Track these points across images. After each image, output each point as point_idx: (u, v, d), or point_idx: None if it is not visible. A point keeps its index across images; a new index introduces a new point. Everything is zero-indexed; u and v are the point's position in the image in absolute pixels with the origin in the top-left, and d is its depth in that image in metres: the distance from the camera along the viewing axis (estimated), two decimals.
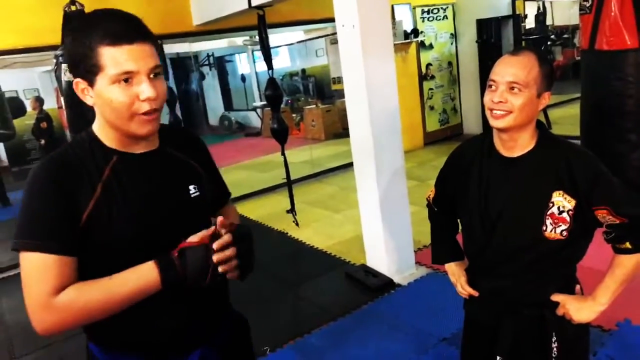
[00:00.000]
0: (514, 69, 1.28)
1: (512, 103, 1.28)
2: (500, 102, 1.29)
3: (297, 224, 4.34)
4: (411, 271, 3.52)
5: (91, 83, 1.01)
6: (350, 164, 6.21)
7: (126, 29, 0.99)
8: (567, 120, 1.52)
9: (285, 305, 3.40)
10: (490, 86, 1.33)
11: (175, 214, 1.13)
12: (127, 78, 0.99)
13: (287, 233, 4.65)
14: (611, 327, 2.52)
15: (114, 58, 0.98)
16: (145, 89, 1.00)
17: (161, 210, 1.11)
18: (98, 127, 1.11)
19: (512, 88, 1.28)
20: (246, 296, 3.55)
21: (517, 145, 1.36)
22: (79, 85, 1.03)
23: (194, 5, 5.19)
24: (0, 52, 4.33)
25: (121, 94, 1.00)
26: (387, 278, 3.42)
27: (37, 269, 0.98)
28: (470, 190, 1.44)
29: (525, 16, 7.34)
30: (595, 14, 2.00)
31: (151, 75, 1.02)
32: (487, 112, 1.34)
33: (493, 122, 1.33)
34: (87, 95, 1.04)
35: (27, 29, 4.32)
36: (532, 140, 1.36)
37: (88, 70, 1.00)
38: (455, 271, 1.64)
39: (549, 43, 9.00)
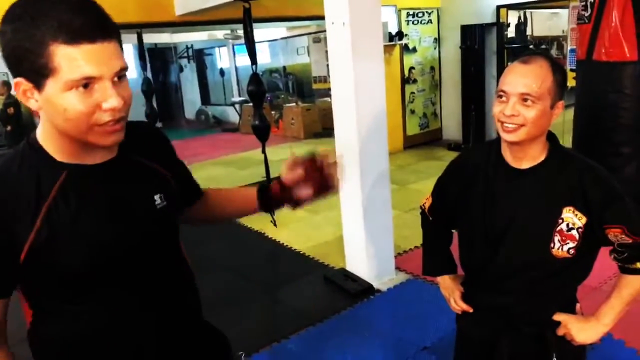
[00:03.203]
0: (527, 79, 1.19)
1: (524, 116, 1.20)
2: (512, 115, 1.20)
3: (275, 224, 4.24)
4: (391, 277, 3.47)
5: (38, 86, 0.83)
6: None
7: (86, 22, 0.80)
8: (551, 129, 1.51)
9: (262, 308, 3.30)
10: (501, 97, 1.24)
11: (137, 232, 0.99)
12: (86, 83, 0.82)
13: (264, 233, 4.54)
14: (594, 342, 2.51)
15: (71, 60, 0.79)
16: (110, 99, 0.83)
17: (120, 230, 0.96)
18: (43, 136, 0.92)
19: (525, 100, 1.19)
20: (220, 298, 3.47)
21: (527, 156, 1.28)
22: (21, 86, 0.84)
23: None
24: None
25: (79, 102, 0.82)
26: (367, 283, 3.35)
27: None
28: (474, 201, 1.36)
29: (508, 25, 7.37)
30: (594, 24, 1.97)
31: (115, 79, 0.85)
32: (497, 125, 1.25)
33: (504, 136, 1.25)
34: (31, 98, 0.85)
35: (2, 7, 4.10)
36: (542, 151, 1.29)
37: (35, 70, 0.81)
38: (449, 285, 1.56)
39: (538, 52, 9.10)
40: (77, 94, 0.82)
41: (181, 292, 1.13)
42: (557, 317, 1.34)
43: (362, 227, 3.30)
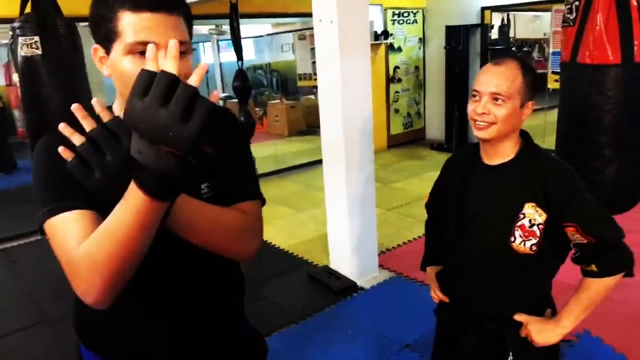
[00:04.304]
0: (497, 80, 1.28)
1: (494, 114, 1.28)
2: (484, 113, 1.28)
3: None
4: (374, 274, 3.48)
5: (108, 51, 0.90)
6: (314, 162, 6.22)
7: None
8: (530, 131, 1.55)
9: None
10: (474, 96, 1.32)
11: None
12: (143, 50, 0.84)
13: None
14: (571, 339, 2.56)
15: (132, 25, 0.86)
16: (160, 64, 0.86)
17: None
18: (116, 106, 0.99)
19: (496, 99, 1.28)
20: None
21: (498, 153, 1.36)
22: (97, 52, 0.92)
23: None
24: None
25: (134, 67, 0.86)
26: (351, 281, 3.36)
27: (64, 228, 0.86)
28: (452, 194, 1.44)
29: (492, 26, 7.46)
30: (579, 27, 1.99)
31: None
32: (471, 122, 1.33)
33: (476, 133, 1.33)
34: (105, 64, 0.92)
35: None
36: (514, 149, 1.35)
37: (106, 35, 0.88)
38: (431, 276, 1.62)
39: (510, 55, 9.21)
40: (134, 59, 0.87)
41: (224, 290, 1.14)
42: (518, 317, 1.37)
43: (347, 225, 3.31)
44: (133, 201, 0.73)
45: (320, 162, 3.47)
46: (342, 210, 3.31)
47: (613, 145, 1.99)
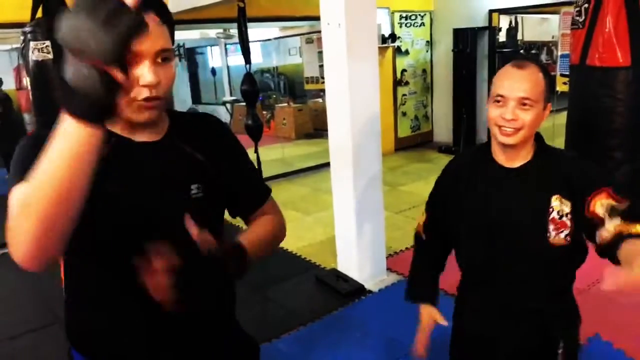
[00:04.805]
0: (525, 85, 1.25)
1: (523, 120, 1.26)
2: (513, 119, 1.26)
3: None
4: (382, 277, 3.48)
5: None
6: (322, 165, 6.24)
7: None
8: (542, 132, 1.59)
9: (253, 308, 3.29)
10: (498, 101, 1.28)
11: (168, 215, 0.96)
12: (129, 59, 0.86)
13: None
14: (582, 342, 2.54)
15: None
16: (145, 74, 0.87)
17: (150, 209, 0.97)
18: None
19: (524, 104, 1.26)
20: None
21: (519, 156, 1.35)
22: None
23: None
24: None
25: None
26: (358, 284, 3.36)
27: (19, 192, 0.81)
28: (469, 202, 1.40)
29: (500, 29, 7.44)
30: (588, 30, 1.99)
31: (158, 60, 0.90)
32: (494, 128, 1.30)
33: (502, 139, 1.29)
34: None
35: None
36: (531, 150, 1.35)
37: None
38: (431, 312, 1.58)
39: (526, 57, 9.18)
40: None
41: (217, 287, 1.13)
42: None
43: (355, 228, 3.31)
44: (62, 129, 0.75)
45: (327, 165, 3.48)
46: (349, 213, 3.31)
47: (623, 147, 1.99)
